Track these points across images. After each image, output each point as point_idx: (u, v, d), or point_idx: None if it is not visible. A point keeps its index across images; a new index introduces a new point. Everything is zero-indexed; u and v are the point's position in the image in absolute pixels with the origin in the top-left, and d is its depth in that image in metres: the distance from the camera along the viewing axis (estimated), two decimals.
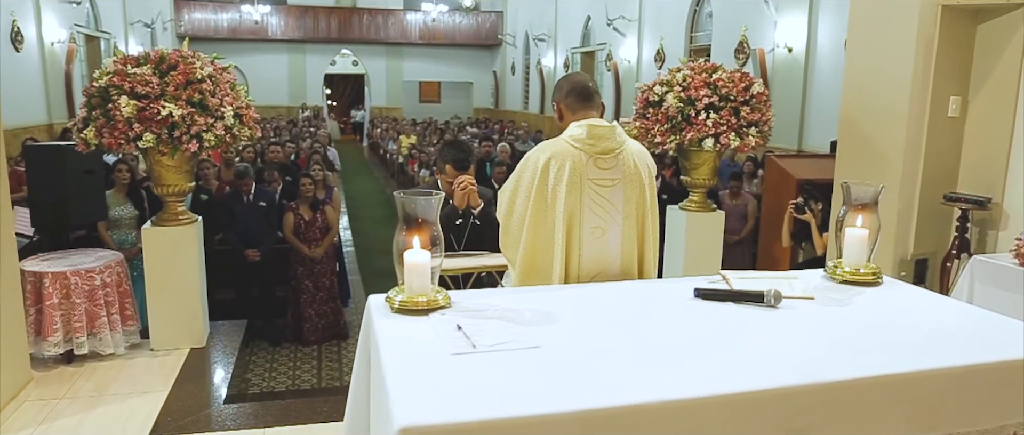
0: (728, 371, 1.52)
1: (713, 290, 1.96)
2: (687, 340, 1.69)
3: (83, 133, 3.63)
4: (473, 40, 23.37)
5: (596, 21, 15.41)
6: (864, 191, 2.22)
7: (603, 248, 2.18)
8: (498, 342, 1.61)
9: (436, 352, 1.56)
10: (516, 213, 2.19)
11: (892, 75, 4.09)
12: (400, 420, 1.25)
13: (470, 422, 1.27)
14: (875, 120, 4.23)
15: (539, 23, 19.00)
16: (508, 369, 1.49)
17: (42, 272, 3.69)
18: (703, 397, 1.40)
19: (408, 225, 1.83)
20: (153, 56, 3.70)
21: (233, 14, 20.39)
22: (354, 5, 22.57)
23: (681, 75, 4.50)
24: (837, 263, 2.23)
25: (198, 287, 4.06)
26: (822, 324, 1.81)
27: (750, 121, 4.40)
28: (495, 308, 1.85)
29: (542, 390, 1.40)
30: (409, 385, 1.40)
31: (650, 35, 13.17)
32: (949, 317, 1.91)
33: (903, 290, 2.16)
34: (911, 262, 4.20)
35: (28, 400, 3.42)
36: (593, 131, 2.15)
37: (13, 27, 9.79)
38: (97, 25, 13.09)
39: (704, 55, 11.55)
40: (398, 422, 1.24)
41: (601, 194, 2.15)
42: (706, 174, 4.70)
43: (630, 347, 1.64)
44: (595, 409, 1.33)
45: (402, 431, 1.23)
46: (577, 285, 2.13)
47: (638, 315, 1.85)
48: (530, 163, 2.18)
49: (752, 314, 1.86)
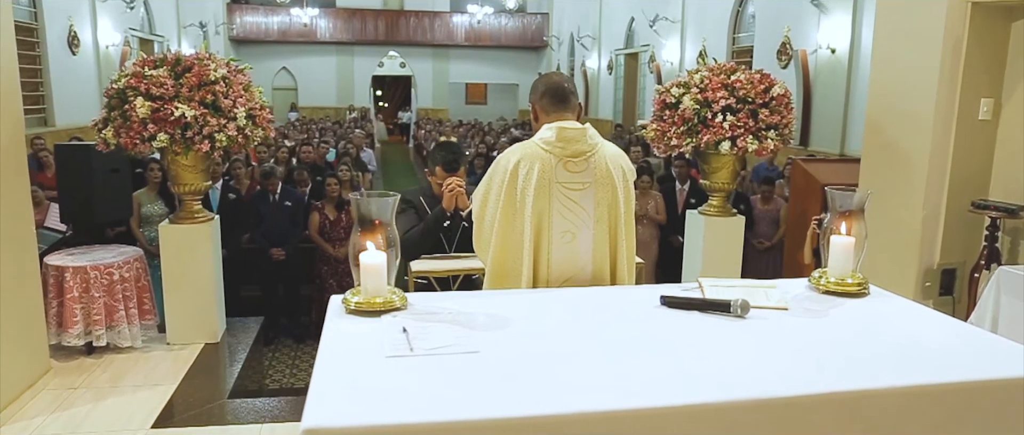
0: (671, 383, 1.46)
1: (679, 298, 1.90)
2: (638, 349, 1.64)
3: (103, 133, 3.75)
4: (519, 42, 23.42)
5: (639, 23, 15.25)
6: (849, 197, 2.12)
7: (574, 253, 2.14)
8: (437, 346, 1.59)
9: (373, 354, 1.56)
10: (487, 216, 2.17)
11: (918, 77, 3.92)
12: (306, 421, 1.25)
13: (377, 425, 1.25)
14: (901, 124, 4.06)
15: (584, 25, 18.91)
16: (439, 373, 1.47)
17: (64, 266, 3.83)
18: (635, 409, 1.35)
19: (363, 227, 1.83)
20: (170, 58, 3.80)
21: (283, 17, 20.89)
22: (401, 7, 22.87)
23: (699, 76, 4.40)
24: (822, 273, 2.14)
25: (213, 284, 4.16)
26: (788, 336, 1.74)
27: (769, 124, 4.28)
28: (450, 311, 1.83)
29: (465, 395, 1.38)
30: (331, 386, 1.40)
31: (693, 37, 12.96)
32: (931, 333, 1.81)
33: (890, 303, 2.05)
34: (937, 272, 4.01)
35: (46, 388, 3.55)
36: (563, 133, 2.11)
37: (70, 31, 10.23)
38: (151, 29, 13.57)
39: (747, 57, 11.31)
40: (304, 423, 1.24)
41: (571, 198, 2.11)
42: (726, 178, 4.59)
43: (576, 354, 1.60)
44: (513, 417, 1.29)
45: (306, 432, 1.23)
46: (541, 290, 2.10)
47: (596, 322, 1.81)
48: (500, 165, 2.15)
49: (717, 324, 1.80)
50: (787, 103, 4.43)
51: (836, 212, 2.13)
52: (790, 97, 4.48)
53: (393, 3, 22.92)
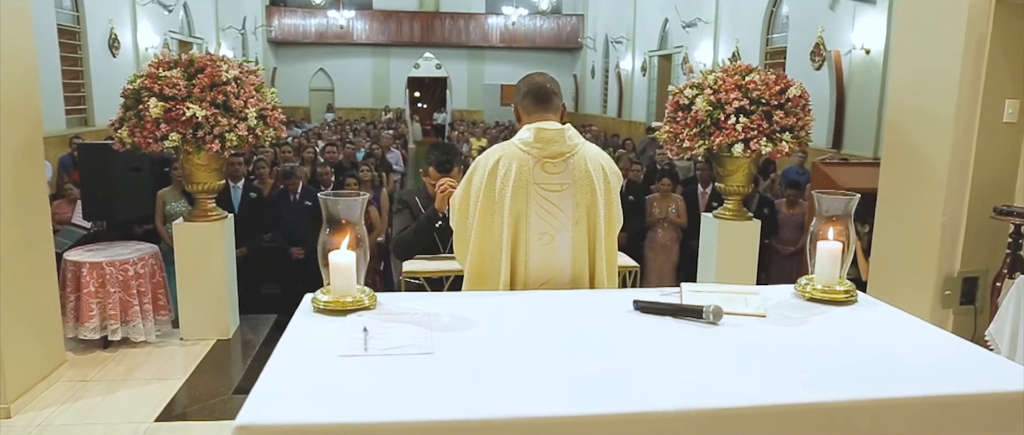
0: (627, 389, 1.44)
1: (651, 303, 1.86)
2: (599, 354, 1.61)
3: (118, 132, 3.85)
4: (554, 43, 23.37)
5: (673, 24, 15.08)
6: (835, 201, 2.06)
7: (552, 255, 2.12)
8: (392, 346, 1.59)
9: (328, 353, 1.56)
10: (467, 216, 2.16)
11: (939, 77, 3.79)
12: (240, 418, 1.25)
13: (310, 424, 1.26)
14: (921, 126, 3.93)
15: (618, 26, 18.78)
16: (388, 374, 1.47)
17: (81, 262, 3.94)
18: (577, 415, 1.33)
19: (331, 226, 1.84)
20: (183, 60, 3.88)
21: (320, 19, 21.20)
22: (437, 9, 23.02)
23: (712, 77, 4.33)
24: (808, 279, 2.08)
25: (225, 281, 4.23)
26: (759, 344, 1.69)
27: (784, 126, 4.19)
28: (417, 312, 1.83)
29: (408, 396, 1.37)
30: (277, 384, 1.41)
31: (726, 38, 12.77)
32: (914, 344, 1.73)
33: (877, 311, 1.98)
34: (958, 280, 3.86)
35: (60, 380, 3.65)
36: (540, 134, 2.09)
37: (111, 34, 10.54)
38: (190, 31, 13.90)
39: (780, 58, 11.10)
40: (237, 420, 1.25)
41: (549, 199, 2.09)
42: (740, 181, 4.50)
43: (532, 358, 1.58)
44: (448, 420, 1.28)
45: (238, 429, 1.23)
46: (514, 293, 2.08)
47: (563, 325, 1.78)
48: (480, 164, 2.14)
49: (687, 331, 1.76)
50: (804, 105, 4.34)
51: (822, 217, 2.07)
52: (808, 99, 4.39)
53: (429, 5, 23.08)
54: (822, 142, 9.62)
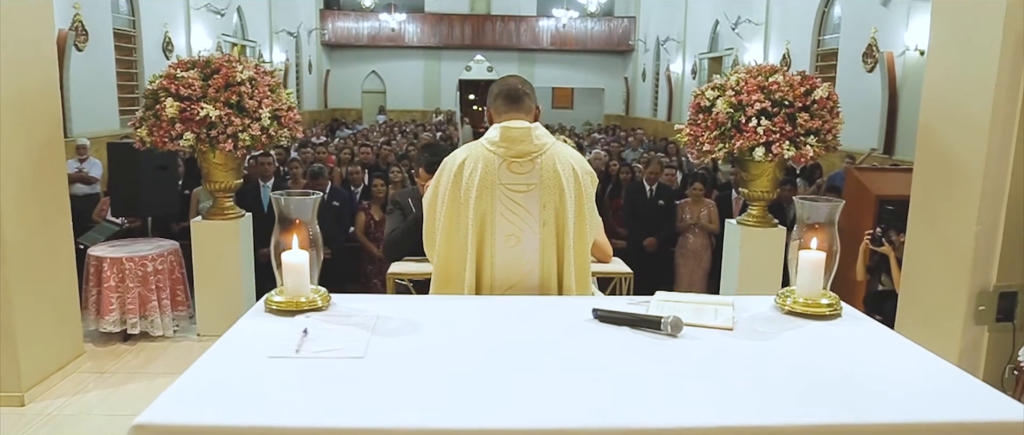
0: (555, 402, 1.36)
1: (610, 312, 1.78)
2: (539, 365, 1.54)
3: (138, 131, 3.95)
4: (605, 46, 23.17)
5: (723, 26, 14.75)
6: (818, 208, 1.93)
7: (519, 257, 2.05)
8: (324, 349, 1.56)
9: (259, 354, 1.54)
10: (435, 217, 2.12)
11: (975, 77, 3.56)
12: (140, 417, 1.24)
13: (208, 426, 1.24)
14: (955, 130, 3.70)
15: (669, 28, 18.48)
16: (310, 377, 1.44)
17: (102, 257, 4.06)
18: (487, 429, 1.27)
19: (283, 226, 1.82)
20: (201, 61, 3.96)
21: (373, 22, 21.53)
22: (488, 12, 23.09)
23: (735, 78, 4.18)
24: (788, 291, 1.96)
25: (240, 278, 4.29)
26: (713, 361, 1.58)
27: (809, 129, 4.01)
28: (367, 314, 1.80)
29: (317, 400, 1.34)
30: (191, 384, 1.39)
31: (777, 39, 12.41)
32: (891, 367, 1.58)
33: (859, 328, 1.83)
34: (993, 295, 3.61)
35: (77, 371, 3.77)
36: (506, 133, 2.04)
37: (165, 37, 10.91)
38: (243, 34, 14.29)
39: (832, 60, 10.71)
40: (137, 418, 1.23)
41: (514, 200, 2.03)
42: (765, 186, 4.33)
43: (468, 366, 1.52)
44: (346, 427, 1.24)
45: (135, 427, 1.22)
46: (475, 297, 2.02)
47: (513, 333, 1.72)
48: (447, 165, 2.10)
49: (643, 342, 1.67)
50: (832, 107, 4.14)
51: (804, 224, 1.95)
52: (836, 101, 4.19)
53: (480, 8, 23.18)
54: (869, 147, 9.24)
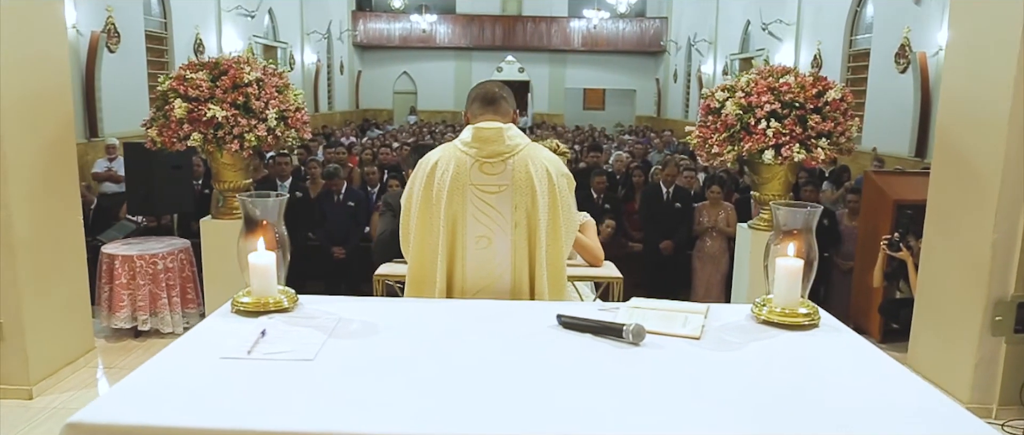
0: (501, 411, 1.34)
1: (574, 319, 1.74)
2: (491, 371, 1.52)
3: (148, 131, 4.02)
4: (636, 47, 22.99)
5: (755, 26, 14.52)
6: (795, 214, 1.87)
7: (490, 260, 2.03)
8: (275, 351, 1.56)
9: (212, 355, 1.54)
10: (411, 218, 2.11)
11: (992, 79, 3.43)
12: (74, 415, 1.25)
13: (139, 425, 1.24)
14: (973, 133, 3.58)
15: (701, 29, 18.26)
16: (257, 378, 1.44)
17: (114, 254, 4.14)
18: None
19: (249, 227, 1.83)
20: (209, 63, 4.01)
21: (404, 23, 21.69)
22: (519, 13, 23.09)
23: (745, 80, 4.10)
24: (765, 300, 1.90)
25: None
26: (671, 371, 1.53)
27: (820, 131, 3.90)
28: (330, 316, 1.79)
29: (259, 402, 1.34)
30: (136, 383, 1.40)
31: (808, 40, 12.17)
32: (855, 382, 1.50)
33: (837, 341, 1.75)
34: (1011, 305, 3.48)
35: (87, 366, 3.85)
36: (478, 133, 2.02)
37: (196, 39, 11.13)
38: (275, 36, 14.51)
39: (864, 60, 10.46)
40: (70, 417, 1.24)
41: (486, 201, 2.01)
42: (776, 190, 4.23)
43: (418, 371, 1.51)
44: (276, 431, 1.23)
45: (67, 426, 1.23)
46: (441, 301, 2.00)
47: (473, 338, 1.69)
48: (422, 166, 2.09)
49: (603, 351, 1.64)
50: (845, 109, 4.03)
51: (780, 230, 1.89)
52: (850, 102, 4.08)
53: (511, 8, 23.19)
54: (904, 150, 9.00)
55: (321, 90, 17.51)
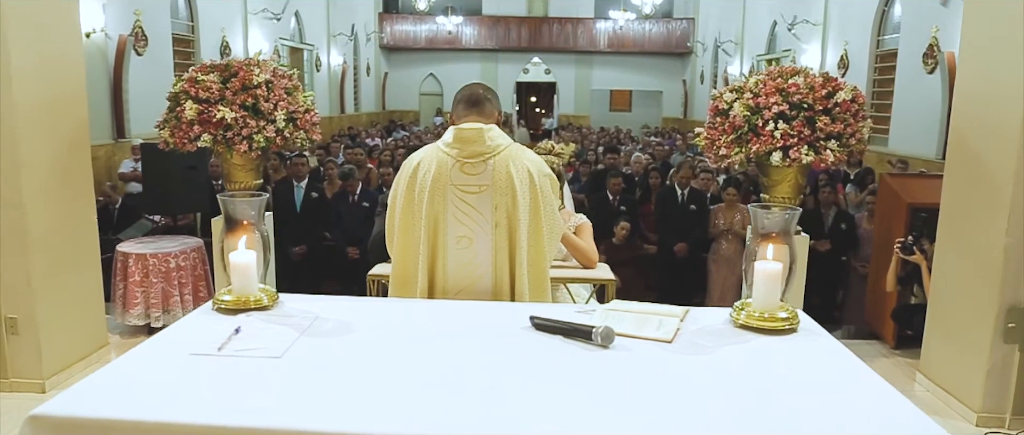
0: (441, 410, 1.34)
1: (546, 321, 1.75)
2: (450, 370, 1.53)
3: (161, 133, 4.10)
4: (663, 48, 22.84)
5: (781, 27, 14.33)
6: (773, 217, 1.85)
7: (471, 260, 2.04)
8: (244, 348, 1.59)
9: (183, 351, 1.57)
10: (395, 218, 2.13)
11: (1005, 81, 3.35)
12: (37, 408, 1.28)
13: (101, 419, 1.28)
14: (986, 135, 3.50)
15: (728, 30, 18.08)
16: (220, 375, 1.47)
17: (128, 253, 4.24)
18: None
19: (230, 226, 1.86)
20: (220, 65, 4.08)
21: (430, 25, 21.82)
22: (545, 14, 23.08)
23: (753, 80, 4.05)
24: (744, 304, 1.88)
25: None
26: (629, 374, 1.53)
27: (829, 133, 3.84)
28: (307, 314, 1.82)
29: (218, 398, 1.36)
30: (103, 378, 1.44)
31: (834, 40, 11.97)
32: (823, 387, 1.48)
33: (813, 346, 1.72)
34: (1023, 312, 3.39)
35: (99, 362, 3.94)
36: (459, 134, 2.03)
37: (222, 41, 11.32)
38: (301, 38, 14.69)
39: (891, 61, 10.26)
40: (34, 409, 1.28)
41: (466, 201, 2.02)
42: (786, 192, 4.16)
43: (383, 370, 1.52)
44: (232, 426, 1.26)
45: (30, 418, 1.27)
46: (419, 301, 2.01)
47: (443, 339, 1.70)
48: (405, 166, 2.12)
49: (570, 352, 1.64)
50: (856, 110, 3.95)
51: (758, 234, 1.87)
52: (862, 103, 4.00)
53: (537, 10, 23.18)
54: (932, 153, 8.81)
55: (347, 92, 17.69)
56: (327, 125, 15.71)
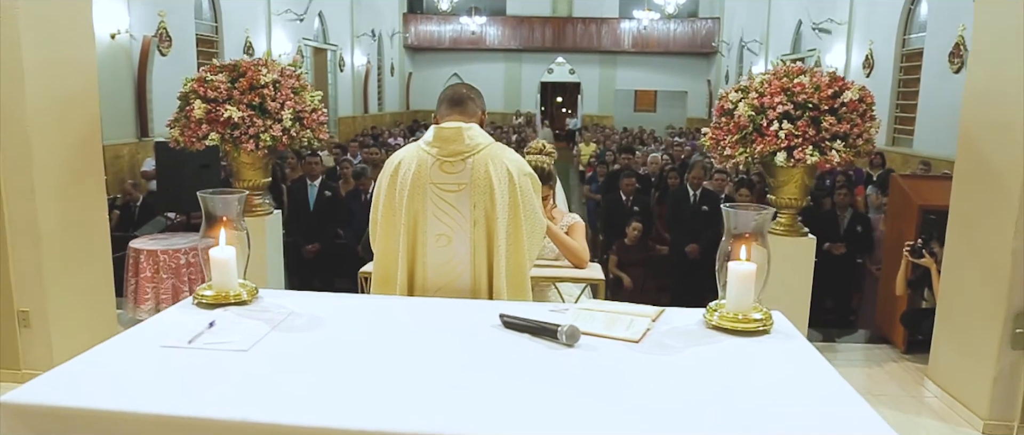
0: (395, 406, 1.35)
1: (514, 319, 1.75)
2: (410, 367, 1.54)
3: (172, 132, 4.19)
4: (688, 48, 22.67)
5: (806, 26, 14.14)
6: (745, 217, 1.84)
7: (450, 258, 2.06)
8: (214, 341, 1.62)
9: (157, 343, 1.61)
10: (377, 217, 2.16)
11: (1014, 81, 3.27)
12: (5, 396, 1.33)
13: (68, 407, 1.31)
14: (994, 136, 3.42)
15: (753, 29, 17.89)
16: (186, 366, 1.51)
17: (140, 249, 4.34)
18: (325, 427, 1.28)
19: (210, 223, 1.90)
20: (229, 65, 4.15)
21: (454, 25, 21.92)
22: (569, 14, 23.05)
23: (759, 79, 4.01)
24: (718, 305, 1.87)
25: (267, 273, 4.46)
26: (588, 373, 1.52)
27: (835, 133, 3.79)
28: (282, 310, 1.85)
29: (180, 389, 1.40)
30: (73, 368, 1.48)
31: (859, 39, 11.78)
32: (782, 389, 1.46)
33: (783, 348, 1.70)
34: None
35: None
36: (439, 133, 2.05)
37: (246, 42, 11.50)
38: (325, 38, 14.85)
39: (917, 60, 10.07)
40: (2, 397, 1.32)
41: (445, 199, 2.04)
42: (793, 193, 4.12)
43: (344, 365, 1.54)
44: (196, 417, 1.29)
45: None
46: (395, 297, 2.04)
47: (412, 336, 1.72)
48: (387, 165, 2.14)
49: (534, 351, 1.64)
50: (864, 110, 3.90)
51: (731, 234, 1.86)
52: (870, 104, 3.94)
53: (561, 10, 23.16)
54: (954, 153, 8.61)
55: (371, 91, 17.84)
56: (350, 125, 15.87)
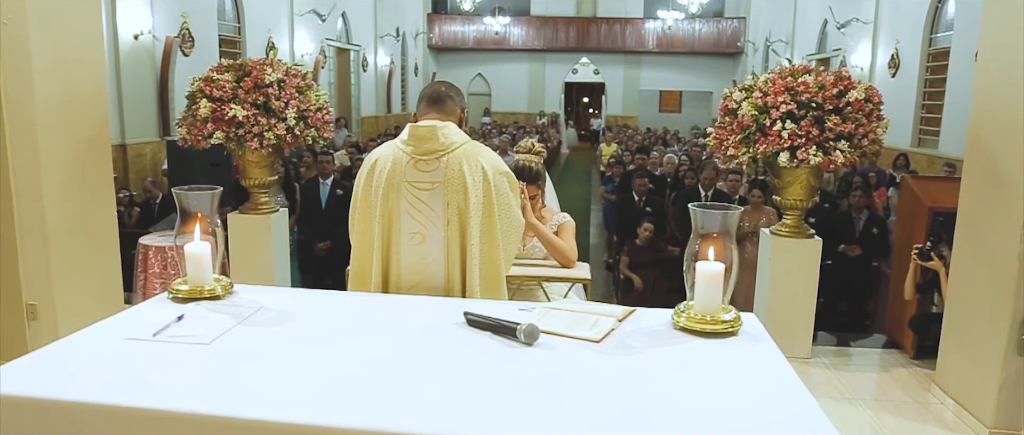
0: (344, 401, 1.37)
1: (477, 317, 1.76)
2: (368, 363, 1.55)
3: (179, 130, 4.26)
4: (713, 48, 22.46)
5: (832, 25, 13.92)
6: (712, 217, 1.82)
7: (424, 256, 2.07)
8: (178, 334, 1.65)
9: (119, 336, 1.64)
10: (355, 215, 2.18)
11: (1022, 80, 3.18)
12: None
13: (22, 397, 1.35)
14: (1002, 137, 3.33)
15: (778, 29, 17.66)
16: (146, 359, 1.54)
17: (149, 245, 4.42)
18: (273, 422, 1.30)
19: (185, 218, 1.93)
20: (235, 65, 4.21)
21: (478, 26, 21.98)
22: (594, 14, 22.97)
23: (763, 79, 3.97)
24: (686, 306, 1.85)
25: (272, 270, 4.52)
26: (541, 373, 1.51)
27: (839, 133, 3.73)
28: (252, 305, 1.87)
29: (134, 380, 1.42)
30: (37, 359, 1.51)
31: (885, 39, 11.56)
32: (734, 392, 1.43)
33: (748, 351, 1.67)
34: None
35: None
36: (414, 131, 2.07)
37: (268, 42, 11.65)
38: (348, 38, 14.99)
39: (943, 59, 9.86)
40: None
41: (420, 198, 2.05)
42: (798, 194, 4.07)
43: (304, 360, 1.56)
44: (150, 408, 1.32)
45: None
46: (365, 294, 2.05)
47: (373, 331, 1.74)
48: (365, 163, 2.16)
49: (492, 349, 1.64)
50: (871, 110, 3.83)
51: (698, 234, 1.83)
52: (877, 103, 3.87)
53: (586, 10, 23.09)
54: None
55: (394, 91, 17.96)
56: (373, 125, 15.99)
